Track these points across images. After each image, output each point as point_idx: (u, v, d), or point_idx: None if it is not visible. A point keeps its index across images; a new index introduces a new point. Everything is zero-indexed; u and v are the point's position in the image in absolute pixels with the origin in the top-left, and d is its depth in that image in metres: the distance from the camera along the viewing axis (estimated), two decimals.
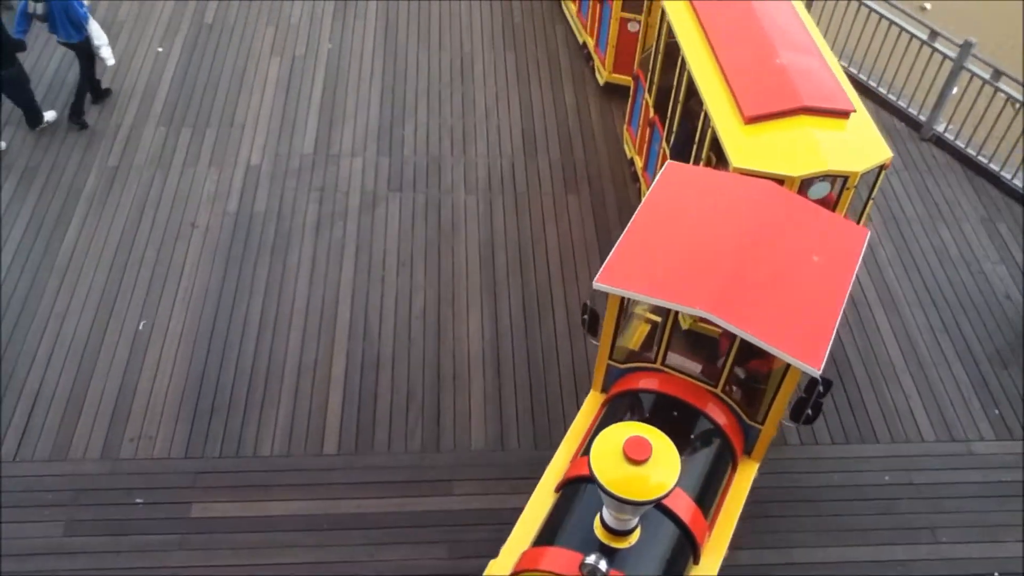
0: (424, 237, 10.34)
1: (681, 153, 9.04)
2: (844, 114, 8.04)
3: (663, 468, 5.18)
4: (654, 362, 6.99)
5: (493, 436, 8.62)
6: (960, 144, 11.69)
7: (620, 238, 6.73)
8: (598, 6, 11.92)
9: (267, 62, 12.46)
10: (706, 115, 8.32)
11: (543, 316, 9.60)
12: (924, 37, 11.53)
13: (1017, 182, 11.21)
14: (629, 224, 6.83)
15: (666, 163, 7.52)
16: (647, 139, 10.40)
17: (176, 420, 8.57)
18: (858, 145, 7.94)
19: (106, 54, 11.21)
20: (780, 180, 7.50)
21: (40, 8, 10.58)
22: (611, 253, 6.62)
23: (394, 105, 11.97)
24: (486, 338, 9.40)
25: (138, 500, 7.98)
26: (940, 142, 11.88)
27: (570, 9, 13.24)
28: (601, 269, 6.48)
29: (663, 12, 9.42)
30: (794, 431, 8.76)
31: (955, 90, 11.51)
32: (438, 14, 13.49)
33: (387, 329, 9.43)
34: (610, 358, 7.21)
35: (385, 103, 11.99)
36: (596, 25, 12.15)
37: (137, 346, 9.12)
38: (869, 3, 11.92)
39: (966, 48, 11.15)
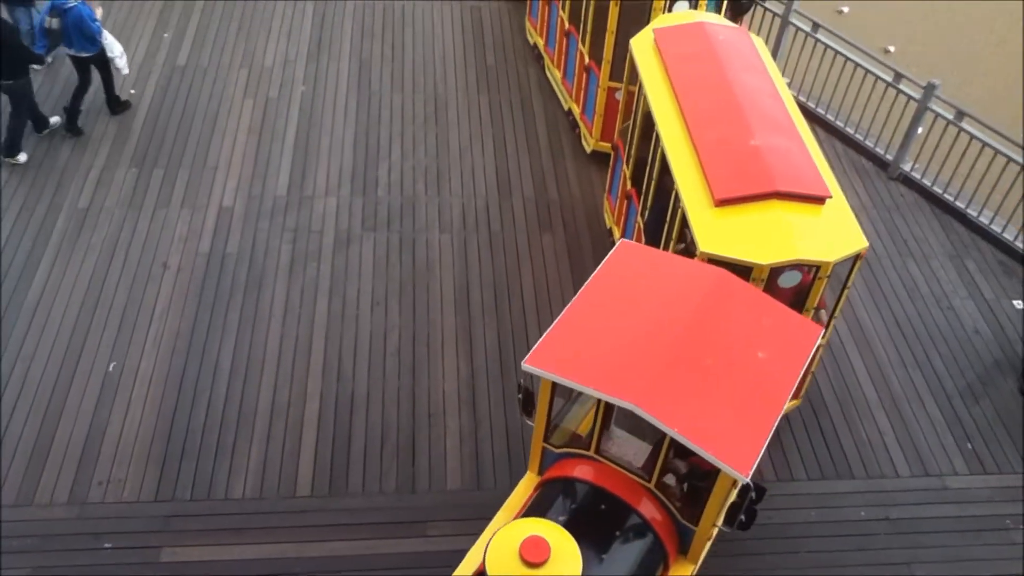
0: (399, 276, 10.32)
1: (655, 230, 8.85)
2: (819, 200, 7.66)
3: (563, 570, 4.87)
4: (589, 450, 6.64)
5: (469, 476, 8.55)
6: (927, 182, 11.89)
7: (558, 318, 6.51)
8: (584, 75, 11.68)
9: (240, 104, 12.48)
10: (677, 195, 8.04)
11: (518, 354, 9.57)
12: (889, 79, 11.77)
13: (984, 219, 11.40)
14: (570, 304, 6.63)
15: (619, 242, 7.27)
16: (624, 211, 10.31)
17: (146, 463, 8.42)
18: (833, 233, 7.59)
19: (121, 64, 11.69)
20: (749, 268, 7.24)
21: (56, 23, 11.11)
22: (545, 333, 6.39)
23: (368, 146, 12.01)
24: (461, 377, 9.35)
25: (107, 545, 7.81)
26: (907, 180, 12.08)
27: (555, 76, 12.98)
28: (532, 349, 6.26)
29: (640, 83, 9.24)
30: (770, 466, 8.77)
31: (920, 130, 11.73)
32: (411, 57, 13.60)
33: (361, 369, 9.36)
34: (546, 441, 6.89)
35: (359, 144, 12.02)
36: (582, 93, 11.94)
37: (107, 389, 8.98)
38: (835, 47, 12.16)
39: (929, 89, 11.39)
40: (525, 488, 7.08)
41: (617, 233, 10.58)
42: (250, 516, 8.12)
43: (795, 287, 7.74)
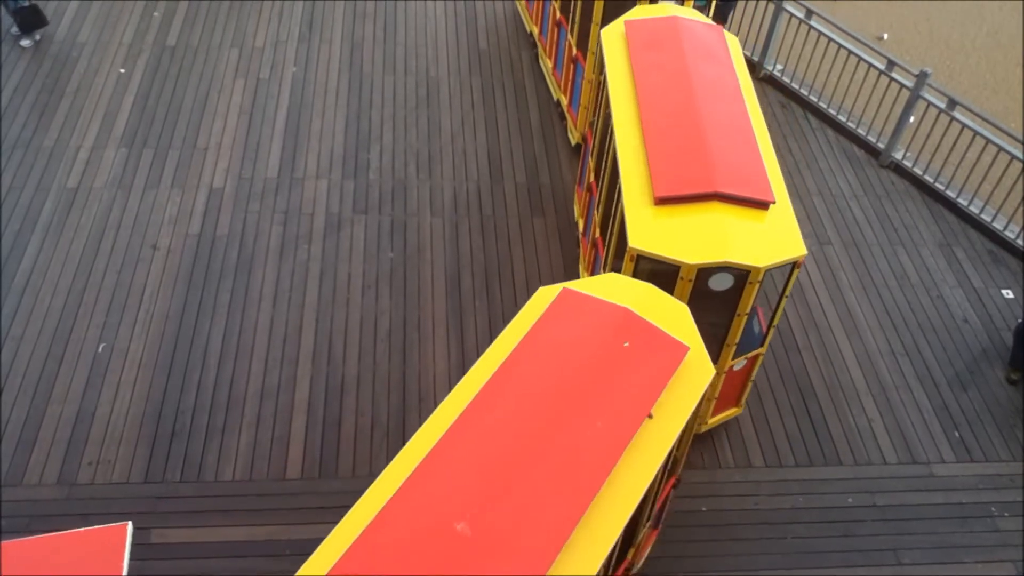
0: (390, 260, 10.31)
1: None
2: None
3: None
4: None
5: None
6: (918, 171, 11.91)
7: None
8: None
9: (231, 85, 12.39)
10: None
11: None
12: (882, 67, 11.77)
13: (974, 208, 11.44)
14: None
15: None
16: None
17: (136, 444, 8.42)
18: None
19: None
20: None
21: None
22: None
23: (359, 128, 11.95)
24: (452, 361, 9.35)
25: (95, 526, 7.79)
26: (899, 169, 12.10)
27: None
28: None
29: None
30: (759, 452, 8.81)
31: (912, 118, 11.74)
32: (404, 39, 13.52)
33: (352, 352, 9.36)
34: None
35: (350, 126, 11.97)
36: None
37: (96, 370, 8.96)
38: (829, 34, 12.15)
39: (922, 78, 11.38)
40: None
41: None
42: (239, 498, 8.12)
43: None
